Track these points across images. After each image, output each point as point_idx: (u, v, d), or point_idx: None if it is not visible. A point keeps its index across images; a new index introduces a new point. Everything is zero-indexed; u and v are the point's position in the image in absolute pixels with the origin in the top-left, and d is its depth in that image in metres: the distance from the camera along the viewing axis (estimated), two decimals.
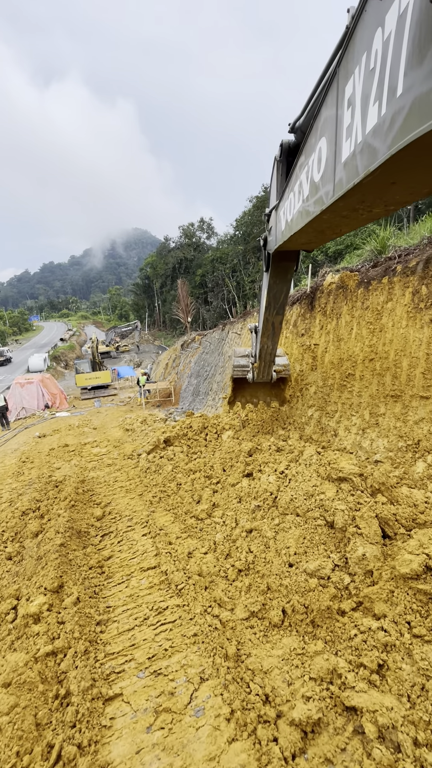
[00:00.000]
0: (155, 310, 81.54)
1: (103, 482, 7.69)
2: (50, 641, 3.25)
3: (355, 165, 1.71)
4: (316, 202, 2.35)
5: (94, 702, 2.73)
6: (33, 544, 5.12)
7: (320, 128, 2.22)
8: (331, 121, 2.03)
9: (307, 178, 2.52)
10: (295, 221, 2.99)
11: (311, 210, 2.47)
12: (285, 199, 3.36)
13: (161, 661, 3.08)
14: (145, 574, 4.31)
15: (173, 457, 7.93)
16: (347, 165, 1.81)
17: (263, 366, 6.99)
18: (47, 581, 3.96)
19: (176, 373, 27.90)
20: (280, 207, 3.59)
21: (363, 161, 1.62)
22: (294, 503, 4.48)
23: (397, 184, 1.61)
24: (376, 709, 2.43)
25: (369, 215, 2.19)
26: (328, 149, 2.09)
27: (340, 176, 1.91)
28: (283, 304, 5.38)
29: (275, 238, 3.98)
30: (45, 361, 47.49)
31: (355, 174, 1.71)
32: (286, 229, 3.39)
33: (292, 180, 3.00)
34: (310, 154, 2.44)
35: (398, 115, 1.35)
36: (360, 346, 7.17)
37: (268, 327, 5.88)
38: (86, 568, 4.44)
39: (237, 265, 52.44)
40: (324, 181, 2.16)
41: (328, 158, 2.08)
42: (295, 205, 2.96)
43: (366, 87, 1.60)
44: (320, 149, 2.22)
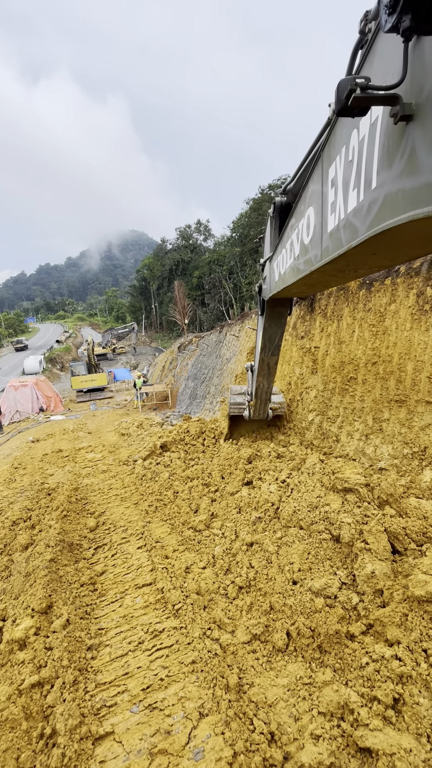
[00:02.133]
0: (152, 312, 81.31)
1: (97, 490, 7.43)
2: (36, 670, 3.00)
3: (339, 237, 1.81)
4: (305, 262, 2.48)
5: (83, 742, 2.49)
6: (22, 559, 4.85)
7: (308, 198, 2.35)
8: (317, 195, 2.15)
9: (297, 239, 2.66)
10: (287, 276, 3.14)
11: (301, 268, 2.60)
12: (278, 254, 3.54)
13: (157, 692, 2.84)
14: (140, 592, 4.07)
15: (170, 464, 7.69)
16: (333, 236, 1.91)
17: (259, 404, 6.97)
18: (35, 601, 3.70)
19: (173, 376, 27.66)
20: (274, 259, 3.78)
21: (346, 236, 1.71)
22: (297, 515, 4.25)
23: (378, 255, 1.73)
24: (393, 751, 2.21)
25: (355, 275, 2.37)
26: (315, 218, 2.21)
27: (327, 244, 2.02)
28: (278, 346, 5.54)
29: (269, 287, 4.18)
30: (40, 363, 47.11)
31: (339, 245, 1.82)
32: (279, 281, 3.55)
33: (285, 237, 3.14)
34: (300, 218, 2.56)
35: (373, 205, 1.44)
36: (362, 349, 6.97)
37: (264, 367, 5.95)
38: (77, 585, 4.19)
39: (234, 267, 52.37)
40: (312, 245, 2.29)
41: (316, 226, 2.20)
42: (287, 260, 3.11)
43: (346, 174, 1.70)
44: (309, 216, 2.34)
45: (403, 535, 3.61)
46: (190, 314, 53.92)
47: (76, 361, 37.56)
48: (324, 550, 3.76)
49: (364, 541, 3.60)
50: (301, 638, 3.11)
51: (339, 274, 2.33)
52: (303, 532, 4.05)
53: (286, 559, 3.81)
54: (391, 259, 1.85)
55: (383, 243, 1.50)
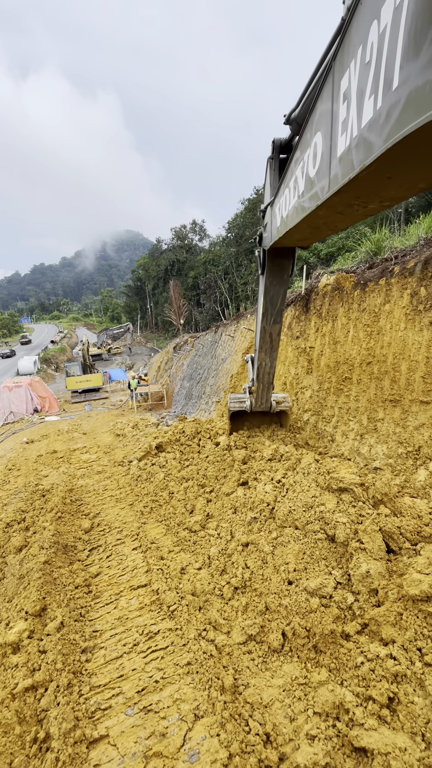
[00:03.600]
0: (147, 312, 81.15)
1: (92, 491, 7.39)
2: (30, 674, 2.97)
3: (350, 160, 1.70)
4: (311, 197, 2.33)
5: (77, 746, 2.46)
6: (16, 561, 4.81)
7: (315, 123, 2.21)
8: (326, 116, 2.02)
9: (302, 173, 2.50)
10: (290, 217, 2.95)
11: (306, 206, 2.45)
12: (280, 195, 3.30)
13: (152, 695, 2.82)
14: (135, 593, 4.04)
15: (165, 464, 7.66)
16: (343, 160, 1.79)
17: (262, 389, 6.45)
18: (29, 604, 3.67)
19: (168, 376, 27.62)
20: (276, 203, 3.54)
21: (359, 155, 1.60)
22: (293, 515, 4.25)
23: (393, 178, 1.61)
24: (388, 751, 2.21)
25: (364, 211, 2.19)
26: (323, 144, 2.08)
27: (336, 171, 1.89)
28: (280, 311, 5.11)
29: (270, 235, 3.91)
30: (35, 363, 46.81)
31: (350, 169, 1.70)
32: (281, 225, 3.32)
33: (288, 175, 2.95)
34: (305, 149, 2.42)
35: (394, 109, 1.34)
36: (357, 349, 6.99)
37: (266, 339, 5.40)
38: (72, 588, 4.16)
39: (229, 267, 52.40)
40: (319, 176, 2.15)
41: (324, 153, 2.07)
42: (290, 201, 2.92)
43: (361, 81, 1.60)
44: (315, 144, 2.20)
45: (397, 534, 3.62)
46: (186, 314, 53.86)
47: (71, 361, 37.38)
48: (319, 550, 3.76)
49: (359, 541, 3.61)
50: (297, 638, 3.10)
51: (347, 210, 2.18)
52: (298, 532, 4.05)
53: (282, 559, 3.81)
54: (406, 184, 1.69)
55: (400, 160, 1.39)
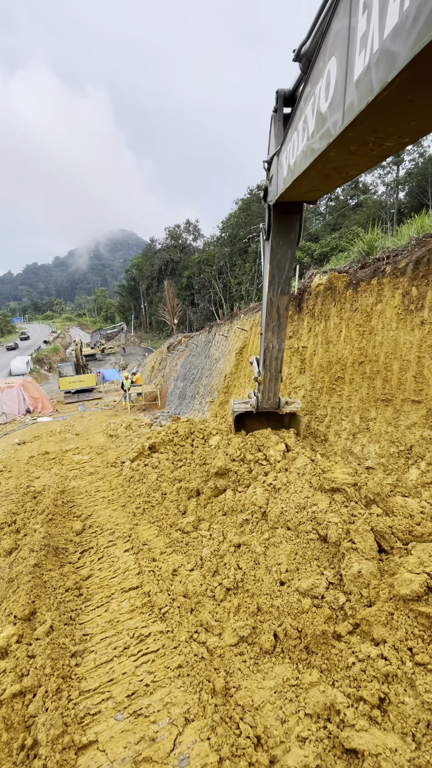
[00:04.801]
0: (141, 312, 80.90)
1: (84, 492, 7.32)
2: (18, 679, 2.92)
3: (369, 81, 1.55)
4: (322, 135, 2.16)
5: (65, 752, 2.43)
6: (5, 564, 4.74)
7: (329, 47, 2.04)
8: (342, 35, 1.85)
9: (312, 110, 2.32)
10: (298, 163, 2.75)
11: (317, 147, 2.25)
12: (288, 141, 3.08)
13: (142, 699, 2.79)
14: (127, 596, 4.01)
15: (158, 465, 7.62)
16: (360, 83, 1.64)
17: (269, 379, 5.63)
18: (18, 608, 3.61)
19: (162, 376, 27.55)
20: (282, 151, 3.31)
21: (379, 73, 1.46)
22: (285, 516, 4.24)
23: (416, 102, 1.46)
24: (379, 752, 2.20)
25: (380, 151, 2.00)
26: (338, 70, 1.91)
27: (351, 99, 1.73)
28: (287, 278, 4.61)
29: (276, 188, 3.64)
30: (28, 364, 46.44)
31: (369, 92, 1.55)
32: (288, 175, 3.11)
33: (296, 118, 2.76)
34: (317, 81, 2.24)
35: (424, 6, 1.22)
36: (349, 349, 7.01)
37: (273, 314, 4.78)
38: (62, 591, 4.11)
39: (223, 267, 52.42)
40: (332, 109, 1.98)
41: (338, 81, 1.90)
42: (298, 145, 2.72)
43: None
44: (329, 72, 2.03)
45: (389, 534, 3.63)
46: (180, 314, 53.77)
47: (64, 361, 37.13)
48: (311, 550, 3.76)
49: (351, 541, 3.61)
50: (288, 639, 3.09)
51: (361, 149, 2.01)
52: (290, 533, 4.04)
53: (274, 559, 3.80)
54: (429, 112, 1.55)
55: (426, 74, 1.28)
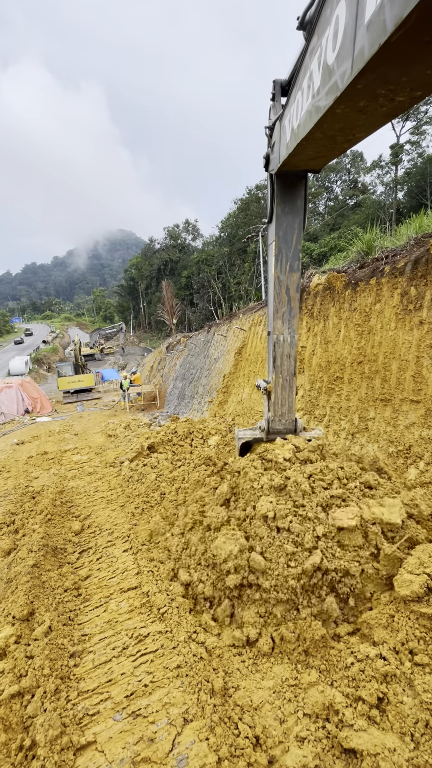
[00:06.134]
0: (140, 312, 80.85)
1: (83, 492, 7.32)
2: (16, 680, 2.91)
3: (382, 20, 1.45)
4: (329, 90, 2.02)
5: (64, 753, 2.42)
6: (4, 564, 4.74)
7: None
8: None
9: (318, 64, 2.18)
10: (302, 125, 2.59)
11: (323, 104, 2.12)
12: (291, 102, 2.89)
13: (141, 699, 2.78)
14: (125, 596, 4.00)
15: (157, 465, 7.62)
16: (372, 25, 1.53)
17: (281, 387, 4.34)
18: (16, 609, 3.61)
19: (161, 376, 27.53)
20: (285, 114, 3.14)
21: (394, 10, 1.37)
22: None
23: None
24: (377, 752, 2.20)
25: (390, 107, 1.88)
26: (347, 14, 1.79)
27: (362, 43, 1.61)
28: (296, 252, 4.03)
29: (278, 155, 3.42)
30: (26, 364, 46.38)
31: (382, 32, 1.44)
32: (291, 139, 2.94)
33: (301, 74, 2.59)
34: (323, 30, 2.10)
35: None
36: (348, 349, 7.02)
37: (282, 297, 4.06)
38: (61, 591, 4.10)
39: (222, 267, 52.43)
40: (341, 58, 1.86)
41: (348, 26, 1.78)
42: (303, 105, 2.56)
43: None
44: (337, 18, 1.91)
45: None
46: (179, 314, 53.74)
47: (63, 361, 37.07)
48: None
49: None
50: (286, 642, 3.09)
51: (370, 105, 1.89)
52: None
53: None
54: None
55: None
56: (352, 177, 53.01)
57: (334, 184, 55.52)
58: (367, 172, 51.31)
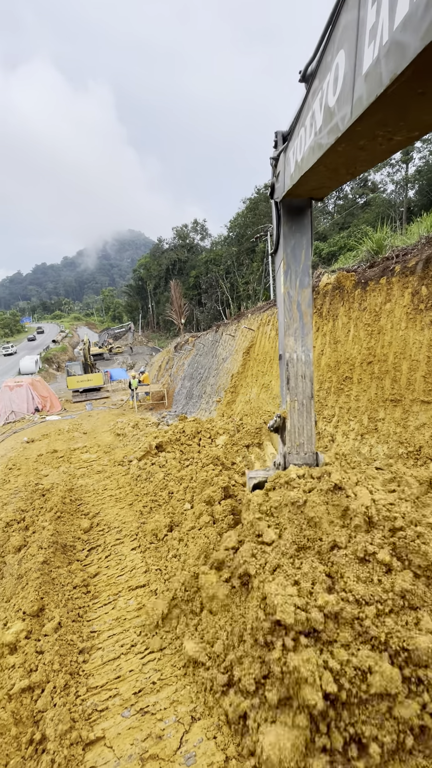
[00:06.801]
0: (149, 312, 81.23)
1: (91, 491, 7.38)
2: (27, 675, 2.95)
3: (378, 73, 1.52)
4: (330, 131, 2.11)
5: (73, 748, 2.45)
6: (14, 561, 4.80)
7: (338, 40, 2.01)
8: (351, 27, 1.81)
9: (320, 105, 2.28)
10: (305, 159, 2.67)
11: (324, 142, 2.20)
12: (294, 137, 2.99)
13: (149, 696, 2.80)
14: (134, 594, 4.03)
15: (165, 464, 7.65)
16: (369, 76, 1.61)
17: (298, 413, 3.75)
18: (26, 604, 3.65)
19: (169, 376, 27.63)
20: (289, 147, 3.21)
21: (389, 65, 1.44)
22: None
23: (427, 94, 1.43)
24: None
25: (389, 145, 1.96)
26: (346, 63, 1.87)
27: (360, 93, 1.70)
28: (306, 268, 3.81)
29: (283, 185, 3.46)
30: (36, 363, 46.92)
31: (378, 85, 1.52)
32: (295, 171, 3.00)
33: (303, 112, 2.70)
34: (324, 75, 2.19)
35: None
36: (358, 349, 6.96)
37: (293, 313, 3.76)
38: (70, 588, 4.14)
39: (231, 267, 52.41)
40: (340, 103, 1.95)
41: (347, 74, 1.86)
42: (306, 140, 2.65)
43: None
44: (337, 66, 2.00)
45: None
46: (187, 314, 53.86)
47: (73, 361, 37.42)
48: None
49: None
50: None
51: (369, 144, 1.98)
52: None
53: None
54: None
55: None
56: (362, 175, 52.59)
57: None
58: (377, 170, 50.83)
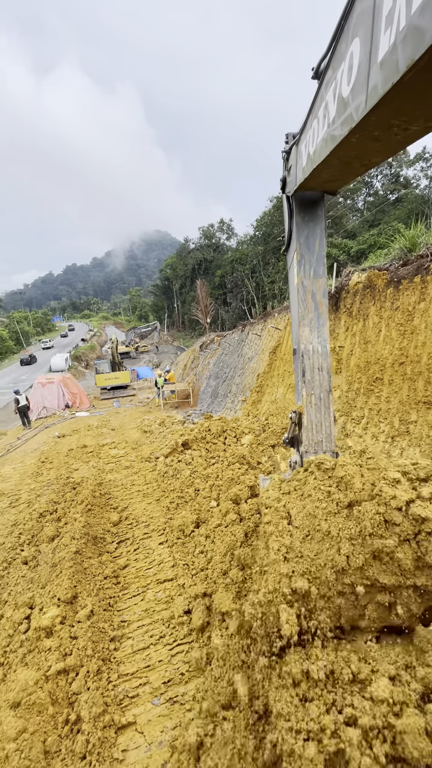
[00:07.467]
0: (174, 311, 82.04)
1: (120, 485, 7.58)
2: (62, 658, 3.09)
3: (395, 60, 1.48)
4: (344, 122, 2.06)
5: (106, 730, 2.55)
6: (48, 550, 5.01)
7: (353, 28, 1.95)
8: (366, 14, 1.76)
9: (334, 95, 2.22)
10: (318, 152, 2.61)
11: (338, 133, 2.15)
12: (307, 129, 2.90)
13: (178, 687, 2.87)
14: (162, 587, 4.12)
15: (191, 462, 7.74)
16: (385, 64, 1.56)
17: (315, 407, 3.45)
18: (61, 591, 3.82)
19: (195, 375, 27.84)
20: (302, 140, 3.10)
21: (405, 52, 1.40)
22: None
23: None
24: None
25: (404, 135, 1.89)
26: (361, 51, 1.82)
27: (375, 81, 1.65)
28: (320, 258, 3.65)
29: (294, 178, 3.34)
30: (66, 360, 48.41)
31: (395, 72, 1.48)
32: (307, 164, 2.92)
33: (316, 104, 2.63)
34: (338, 65, 2.13)
35: None
36: (389, 349, 6.79)
37: (308, 303, 3.57)
38: (101, 578, 4.29)
39: (257, 266, 52.11)
40: (355, 92, 1.90)
41: (362, 62, 1.81)
42: (318, 132, 2.59)
43: None
44: (351, 54, 1.94)
45: None
46: (213, 313, 54.05)
47: (101, 359, 38.38)
48: None
49: None
50: None
51: (384, 135, 1.92)
52: None
53: None
54: None
55: None
56: (394, 171, 50.94)
57: (374, 179, 53.63)
58: (410, 165, 49.09)
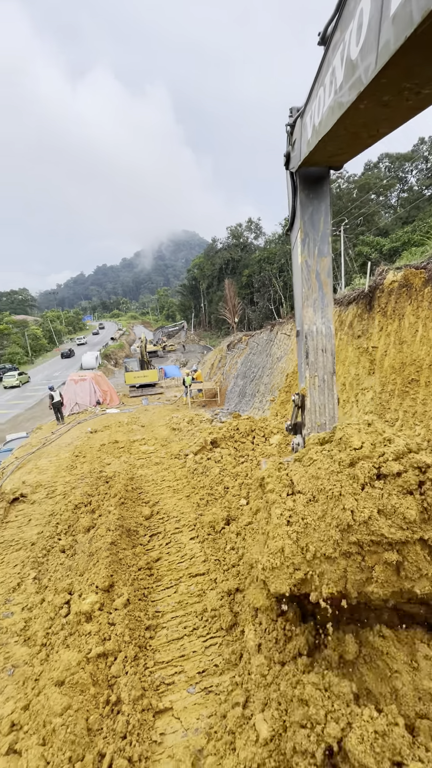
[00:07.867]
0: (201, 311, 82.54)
1: (151, 480, 7.76)
2: (101, 642, 3.23)
3: (408, 12, 1.42)
4: (352, 86, 1.98)
5: (145, 713, 2.66)
6: (85, 540, 5.22)
7: None
8: None
9: (342, 59, 2.15)
10: (324, 122, 2.51)
11: (345, 100, 2.08)
12: (312, 99, 2.80)
13: (212, 677, 2.94)
14: (194, 581, 4.21)
15: (221, 459, 7.82)
16: (397, 18, 1.50)
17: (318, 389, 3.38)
18: (99, 579, 3.98)
19: (222, 374, 27.94)
20: (306, 111, 2.98)
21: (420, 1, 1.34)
22: None
23: None
24: None
25: (416, 100, 1.81)
26: (372, 6, 1.75)
27: (387, 37, 1.58)
28: (325, 236, 3.50)
29: (299, 152, 3.23)
30: (97, 359, 49.80)
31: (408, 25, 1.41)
32: (312, 136, 2.82)
33: (322, 71, 2.52)
34: (347, 25, 2.06)
35: None
36: (426, 350, 6.59)
37: (312, 283, 3.48)
38: (135, 569, 4.43)
39: (284, 265, 51.56)
40: (364, 52, 1.82)
41: (372, 19, 1.74)
42: (325, 101, 2.50)
43: None
44: (361, 12, 1.88)
45: None
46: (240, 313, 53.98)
47: (130, 357, 39.20)
48: None
49: None
50: None
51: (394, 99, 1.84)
52: None
53: None
54: None
55: None
56: (430, 165, 48.97)
57: (408, 173, 51.77)
58: None
